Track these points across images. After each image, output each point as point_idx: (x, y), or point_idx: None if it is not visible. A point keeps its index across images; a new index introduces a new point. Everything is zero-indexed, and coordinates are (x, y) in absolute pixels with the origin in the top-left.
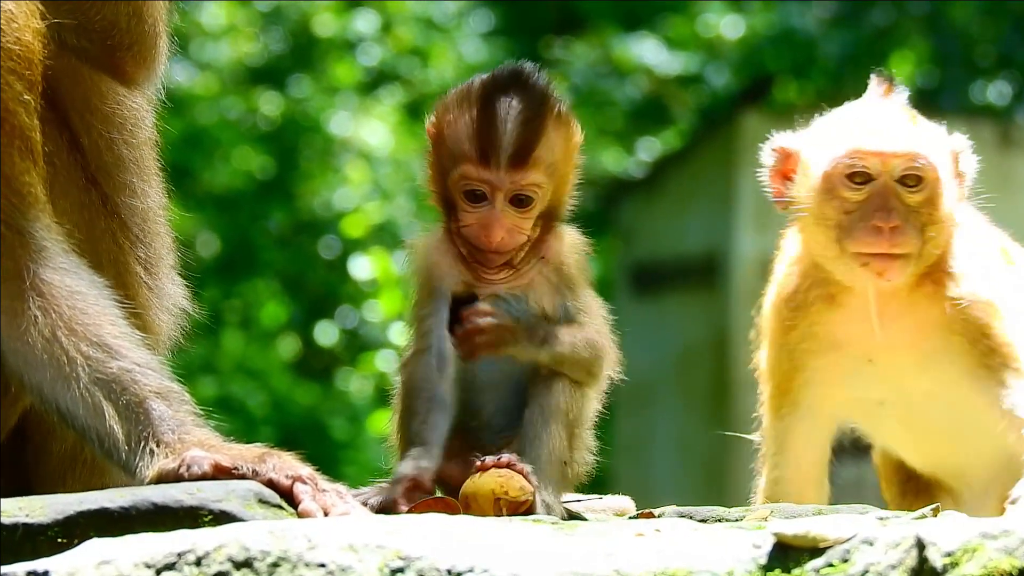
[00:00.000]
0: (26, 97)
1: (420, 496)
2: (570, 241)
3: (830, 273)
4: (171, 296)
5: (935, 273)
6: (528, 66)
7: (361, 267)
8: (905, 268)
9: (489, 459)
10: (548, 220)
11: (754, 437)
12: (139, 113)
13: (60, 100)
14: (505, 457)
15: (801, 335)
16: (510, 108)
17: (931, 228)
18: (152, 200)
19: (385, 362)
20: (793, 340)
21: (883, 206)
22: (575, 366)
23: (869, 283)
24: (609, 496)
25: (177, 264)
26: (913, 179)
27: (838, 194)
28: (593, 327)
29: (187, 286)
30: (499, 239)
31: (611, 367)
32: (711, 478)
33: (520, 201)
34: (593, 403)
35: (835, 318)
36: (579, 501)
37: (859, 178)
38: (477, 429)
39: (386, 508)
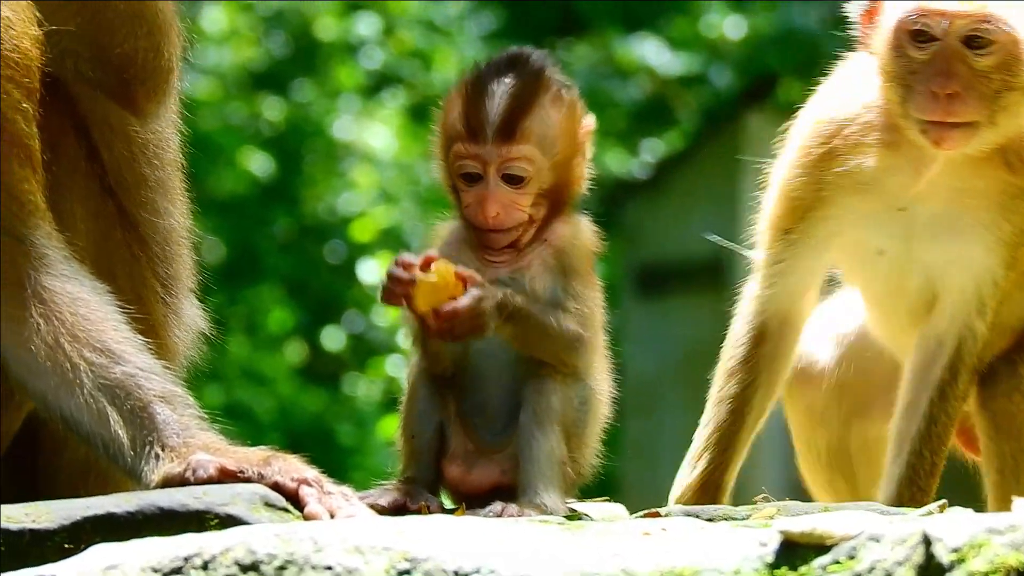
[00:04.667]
0: (24, 105)
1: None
2: (578, 229)
3: (900, 124)
4: (189, 316)
5: (1009, 154)
6: (531, 51)
7: (368, 271)
8: (968, 138)
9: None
10: (555, 204)
11: (749, 253)
12: (163, 136)
13: (80, 113)
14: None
15: (840, 164)
16: (500, 83)
17: (1008, 96)
18: (175, 221)
19: (393, 366)
20: (828, 167)
21: (943, 70)
22: (540, 345)
23: (929, 149)
24: (602, 503)
25: (197, 288)
26: (981, 41)
27: (904, 52)
28: (578, 316)
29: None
30: (494, 214)
31: (595, 360)
32: None
33: (512, 178)
34: (600, 405)
35: (886, 164)
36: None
37: (922, 37)
38: (479, 427)
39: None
